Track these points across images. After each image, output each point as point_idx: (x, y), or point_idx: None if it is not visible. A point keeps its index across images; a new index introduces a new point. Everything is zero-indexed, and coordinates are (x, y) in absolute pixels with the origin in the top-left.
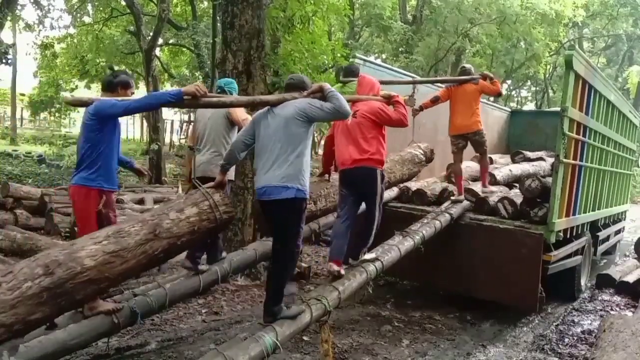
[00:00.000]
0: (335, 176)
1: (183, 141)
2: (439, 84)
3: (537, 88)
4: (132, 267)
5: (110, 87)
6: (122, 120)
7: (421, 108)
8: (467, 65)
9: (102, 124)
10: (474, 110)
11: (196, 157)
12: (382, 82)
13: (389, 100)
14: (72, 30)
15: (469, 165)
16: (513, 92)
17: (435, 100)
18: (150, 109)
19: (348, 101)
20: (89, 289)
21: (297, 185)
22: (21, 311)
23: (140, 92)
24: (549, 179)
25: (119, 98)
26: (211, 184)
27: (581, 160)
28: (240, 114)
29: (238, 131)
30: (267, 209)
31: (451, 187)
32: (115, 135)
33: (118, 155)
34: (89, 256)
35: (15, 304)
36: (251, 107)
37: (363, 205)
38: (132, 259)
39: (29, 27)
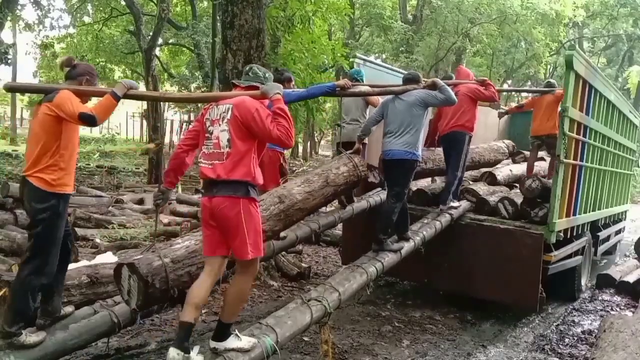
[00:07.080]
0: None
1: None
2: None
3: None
4: (316, 203)
5: (278, 82)
6: (122, 119)
7: (506, 112)
8: (552, 81)
9: None
10: (550, 116)
11: (341, 128)
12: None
13: (482, 83)
14: (72, 30)
15: None
16: (513, 92)
17: (520, 107)
18: (313, 97)
19: (453, 85)
20: (298, 215)
21: (414, 151)
22: (271, 224)
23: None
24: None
25: (287, 90)
26: (351, 150)
27: (581, 160)
28: (375, 99)
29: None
30: (390, 166)
31: None
32: None
33: None
34: (298, 193)
35: (268, 219)
36: (382, 95)
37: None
38: (317, 197)
39: (29, 27)
